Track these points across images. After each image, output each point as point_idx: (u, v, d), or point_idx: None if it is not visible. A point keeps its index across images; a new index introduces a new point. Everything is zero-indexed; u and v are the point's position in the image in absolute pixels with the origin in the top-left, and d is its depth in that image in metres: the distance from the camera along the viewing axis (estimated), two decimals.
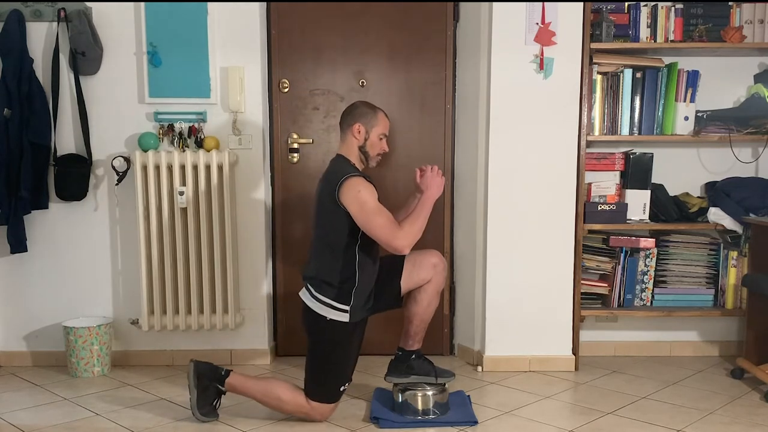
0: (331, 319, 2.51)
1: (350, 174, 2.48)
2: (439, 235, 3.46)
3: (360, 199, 2.43)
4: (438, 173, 2.61)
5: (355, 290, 2.53)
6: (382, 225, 2.44)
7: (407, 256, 2.63)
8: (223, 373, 2.60)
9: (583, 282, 3.29)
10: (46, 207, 3.26)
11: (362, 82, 3.39)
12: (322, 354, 2.56)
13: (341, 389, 2.58)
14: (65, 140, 3.27)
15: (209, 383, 2.59)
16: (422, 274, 2.63)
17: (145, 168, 3.15)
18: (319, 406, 2.56)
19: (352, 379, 2.65)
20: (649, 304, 3.34)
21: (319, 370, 2.56)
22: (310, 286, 2.57)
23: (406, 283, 2.64)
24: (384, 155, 2.68)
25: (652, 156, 3.33)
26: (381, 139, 2.62)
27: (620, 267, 3.31)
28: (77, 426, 2.61)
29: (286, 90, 3.41)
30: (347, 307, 2.52)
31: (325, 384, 2.57)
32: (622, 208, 3.27)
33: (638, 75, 3.26)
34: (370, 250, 2.54)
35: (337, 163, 2.60)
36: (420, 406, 2.64)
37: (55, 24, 3.20)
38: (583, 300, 3.31)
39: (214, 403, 2.63)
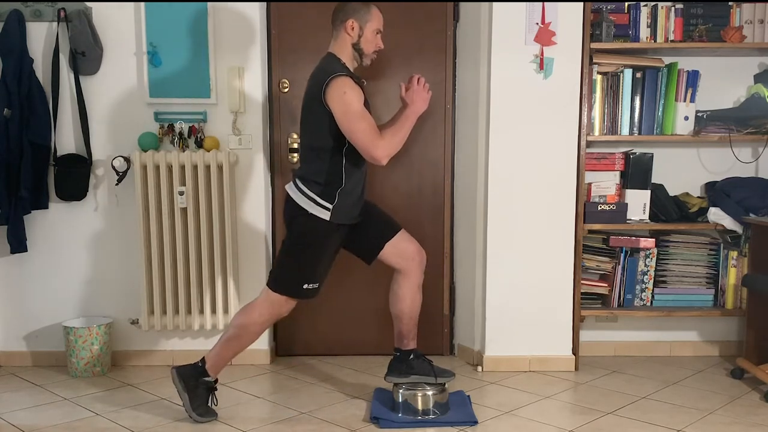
0: (312, 213, 2.50)
1: (338, 73, 2.43)
2: (439, 235, 3.47)
3: (345, 100, 2.40)
4: (424, 87, 2.58)
5: (340, 190, 2.52)
6: (363, 130, 2.41)
7: (401, 231, 2.68)
8: (200, 364, 2.61)
9: (583, 282, 3.29)
10: (46, 207, 3.26)
11: (362, 82, 3.38)
12: (294, 246, 2.55)
13: (304, 287, 2.56)
14: (65, 140, 3.27)
15: (196, 382, 2.59)
16: (397, 259, 2.66)
17: (145, 168, 3.15)
18: (279, 297, 2.55)
19: (320, 291, 2.62)
20: (649, 304, 3.34)
21: (288, 260, 2.56)
22: (297, 180, 2.56)
23: (387, 249, 2.65)
24: (379, 53, 2.64)
25: (652, 156, 3.33)
26: (376, 35, 2.58)
27: (620, 267, 3.31)
28: (77, 426, 2.61)
29: (286, 90, 3.41)
30: (330, 206, 2.51)
31: (290, 276, 2.55)
32: (622, 208, 3.27)
33: (638, 75, 3.26)
34: (357, 154, 2.50)
35: (326, 61, 2.54)
36: (420, 406, 2.64)
37: (55, 24, 3.20)
38: (583, 300, 3.31)
39: (209, 402, 2.62)
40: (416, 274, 2.68)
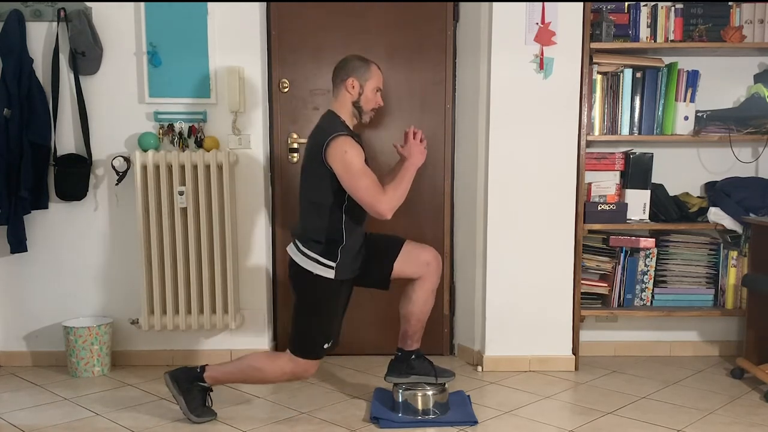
0: (316, 274, 2.51)
1: (338, 133, 2.45)
2: (439, 235, 3.47)
3: (346, 159, 2.41)
4: (421, 141, 2.59)
5: (342, 248, 2.52)
6: (366, 187, 2.42)
7: (406, 243, 2.65)
8: (198, 370, 2.60)
9: (583, 282, 3.29)
10: (46, 207, 3.26)
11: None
12: (306, 309, 2.56)
13: (324, 347, 2.57)
14: (65, 140, 3.27)
15: (189, 384, 2.59)
16: (413, 269, 2.63)
17: (145, 168, 3.15)
18: (303, 362, 2.56)
19: (339, 342, 2.64)
20: (649, 304, 3.34)
21: (303, 325, 2.56)
22: (297, 241, 2.56)
23: (398, 268, 2.63)
24: (378, 110, 2.65)
25: (652, 156, 3.33)
26: (376, 93, 2.59)
27: (620, 267, 3.31)
28: (77, 426, 2.61)
29: (286, 90, 3.41)
30: (333, 264, 2.51)
31: (308, 339, 2.56)
32: (622, 208, 3.27)
33: (638, 75, 3.26)
34: (356, 210, 2.51)
35: (326, 120, 2.56)
36: (420, 406, 2.64)
37: (55, 24, 3.20)
38: (583, 300, 3.31)
39: (206, 403, 2.62)
40: (432, 279, 2.66)
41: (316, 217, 2.53)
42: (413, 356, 2.73)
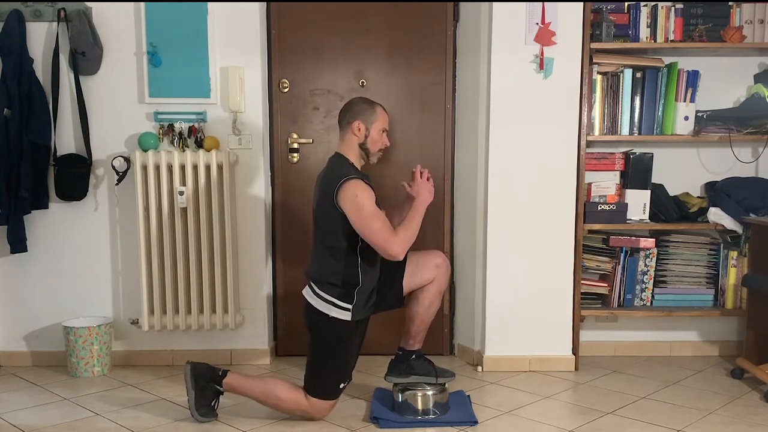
0: (333, 317, 2.51)
1: (348, 177, 2.46)
2: (439, 235, 3.47)
3: (357, 203, 2.43)
4: (428, 180, 2.60)
5: (358, 290, 2.53)
6: (377, 230, 2.43)
7: (409, 256, 2.64)
8: (220, 373, 2.60)
9: (583, 282, 3.29)
10: (46, 207, 3.26)
11: (362, 82, 3.39)
12: (322, 351, 2.56)
13: (341, 386, 2.59)
14: (65, 140, 3.27)
15: (207, 384, 2.59)
16: (425, 275, 2.63)
17: (145, 168, 3.15)
18: (319, 402, 2.57)
19: (352, 378, 2.65)
20: (649, 304, 3.34)
21: (319, 367, 2.56)
22: (313, 284, 2.57)
23: (408, 284, 2.64)
24: (385, 151, 2.66)
25: (652, 156, 3.33)
26: (382, 134, 2.60)
27: (620, 267, 3.31)
28: (77, 426, 2.61)
29: (286, 90, 3.41)
30: (350, 306, 2.52)
31: (324, 381, 2.57)
32: (622, 208, 3.27)
33: (638, 75, 3.26)
34: (371, 252, 2.53)
35: (335, 163, 2.59)
36: (420, 406, 2.64)
37: (55, 24, 3.20)
38: (583, 300, 3.31)
39: (213, 404, 2.63)
40: (441, 280, 2.66)
41: (331, 260, 2.53)
42: (414, 356, 2.73)
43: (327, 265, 2.54)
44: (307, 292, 2.59)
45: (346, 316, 2.52)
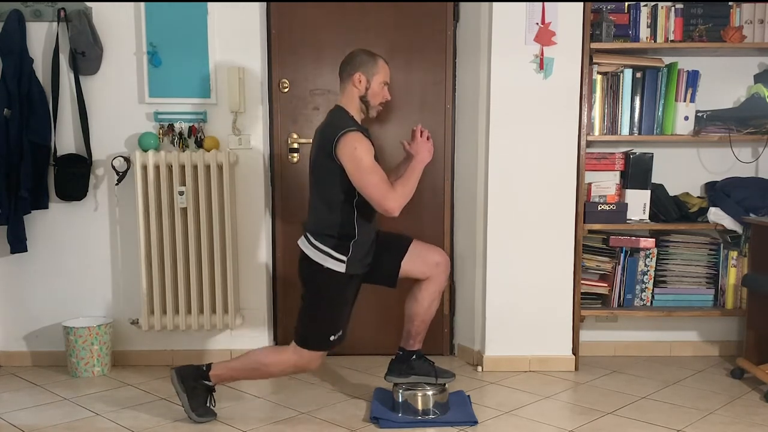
0: (327, 267, 2.51)
1: (348, 129, 2.45)
2: (439, 235, 3.46)
3: (356, 156, 2.42)
4: (427, 139, 2.61)
5: (354, 242, 2.53)
6: (375, 184, 2.43)
7: (414, 242, 2.66)
8: (204, 368, 2.61)
9: (583, 282, 3.29)
10: (46, 207, 3.26)
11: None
12: (315, 302, 2.56)
13: (331, 339, 2.57)
14: (65, 140, 3.27)
15: (195, 383, 2.59)
16: (422, 269, 2.63)
17: (145, 168, 3.15)
18: (307, 353, 2.56)
19: (345, 337, 2.63)
20: (649, 304, 3.34)
21: (311, 317, 2.57)
22: (309, 235, 2.57)
23: (405, 267, 2.64)
24: (385, 105, 2.65)
25: (652, 156, 3.33)
26: (383, 87, 2.60)
27: (620, 267, 3.31)
28: (77, 426, 2.61)
29: (286, 90, 3.41)
30: (345, 258, 2.51)
31: (315, 331, 2.57)
32: (622, 208, 3.27)
33: (638, 75, 3.26)
34: (368, 206, 2.52)
35: (335, 115, 2.57)
36: (420, 406, 2.64)
37: (55, 24, 3.20)
38: (583, 300, 3.31)
39: (208, 403, 2.62)
40: (440, 280, 2.66)
41: (328, 213, 2.53)
42: (414, 356, 2.73)
43: (324, 217, 2.54)
44: (302, 243, 2.58)
45: (341, 267, 2.51)
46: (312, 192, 2.61)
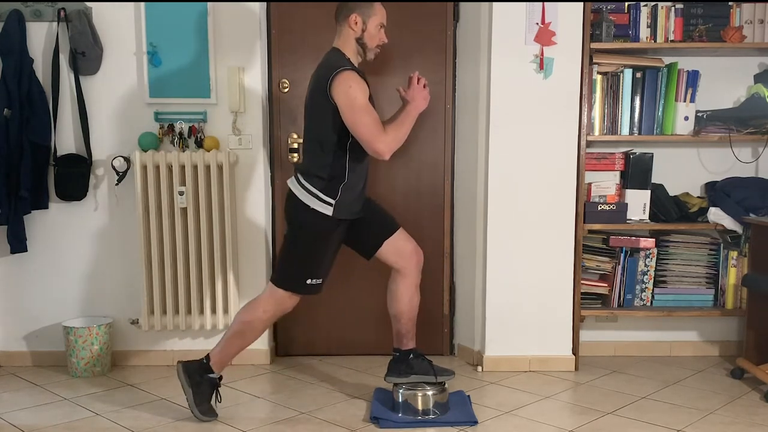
0: (313, 208, 2.51)
1: (343, 68, 2.45)
2: (439, 235, 3.47)
3: (350, 94, 2.41)
4: (424, 86, 2.60)
5: (343, 185, 2.53)
6: (367, 124, 2.43)
7: (400, 230, 2.71)
8: (205, 360, 2.62)
9: (583, 282, 3.29)
10: (46, 207, 3.26)
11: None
12: (297, 242, 2.57)
13: (308, 282, 2.57)
14: (65, 140, 3.27)
15: (201, 378, 2.60)
16: (395, 258, 2.68)
17: (145, 168, 3.15)
18: (282, 293, 2.58)
19: (323, 288, 2.64)
20: (649, 304, 3.34)
21: (291, 257, 2.58)
22: (299, 175, 2.57)
23: (385, 248, 2.67)
24: (382, 47, 2.65)
25: (652, 156, 3.33)
26: (379, 29, 2.59)
27: (620, 267, 3.31)
28: (77, 426, 2.61)
29: (286, 90, 3.40)
30: (332, 201, 2.52)
31: (294, 272, 2.57)
32: (622, 208, 3.27)
33: (638, 75, 3.26)
34: (360, 148, 2.51)
35: (331, 56, 2.56)
36: (420, 406, 2.64)
37: (55, 24, 3.20)
38: (583, 300, 3.31)
39: (212, 400, 2.62)
40: (414, 274, 2.69)
41: (320, 154, 2.53)
42: (411, 355, 2.73)
43: (315, 158, 2.54)
44: (291, 182, 2.59)
45: (328, 210, 2.51)
46: (305, 132, 2.61)
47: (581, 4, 3.11)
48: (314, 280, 2.59)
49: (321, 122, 2.50)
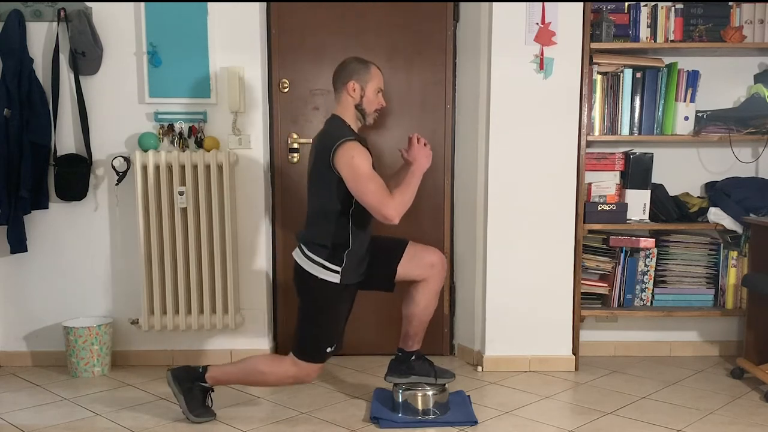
0: (321, 278, 2.51)
1: (345, 138, 2.45)
2: (439, 235, 3.47)
3: (353, 164, 2.41)
4: (425, 145, 2.60)
5: (347, 252, 2.52)
6: (373, 192, 2.42)
7: (410, 245, 2.65)
8: (200, 370, 2.61)
9: (583, 282, 3.29)
10: (46, 207, 3.26)
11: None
12: (310, 314, 2.56)
13: (327, 350, 2.58)
14: (65, 140, 3.27)
15: (192, 384, 2.60)
16: (417, 271, 2.63)
17: (145, 168, 3.15)
18: (306, 365, 2.57)
19: (342, 346, 2.64)
20: (649, 304, 3.34)
21: (307, 329, 2.57)
22: (303, 246, 2.56)
23: (402, 270, 2.63)
24: (381, 111, 2.65)
25: (652, 156, 3.33)
26: (377, 94, 2.59)
27: (620, 267, 3.31)
28: (77, 426, 2.61)
29: (286, 90, 3.41)
30: (338, 268, 2.51)
31: (311, 344, 2.57)
32: (622, 208, 3.27)
33: (638, 75, 3.26)
34: (363, 215, 2.52)
35: (332, 125, 2.57)
36: (420, 406, 2.64)
37: (55, 24, 3.20)
38: (583, 300, 3.31)
39: (206, 403, 2.63)
40: (436, 281, 2.66)
41: (324, 222, 2.53)
42: (413, 357, 2.73)
43: (318, 227, 2.54)
44: (296, 254, 2.59)
45: (335, 278, 2.51)
46: (309, 202, 2.61)
47: (581, 4, 3.11)
48: (333, 347, 2.60)
49: (325, 192, 2.51)
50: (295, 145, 3.41)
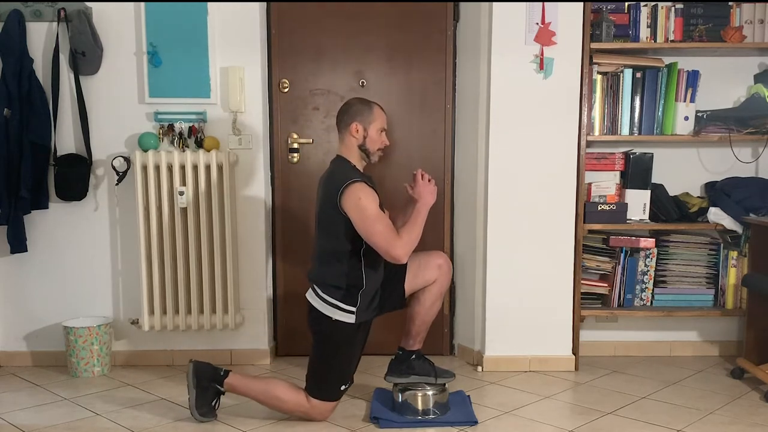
0: (336, 319, 2.51)
1: (352, 180, 2.46)
2: (439, 235, 3.47)
3: (361, 206, 2.42)
4: (429, 182, 2.60)
5: (362, 292, 2.54)
6: (381, 233, 2.43)
7: (411, 257, 2.63)
8: (222, 373, 2.60)
9: (583, 282, 3.29)
10: (46, 207, 3.26)
11: (362, 82, 3.39)
12: (325, 353, 2.56)
13: (342, 389, 2.59)
14: (65, 140, 3.27)
15: (208, 384, 2.59)
16: (427, 275, 2.64)
17: (145, 168, 3.15)
18: (320, 404, 2.57)
19: (354, 380, 2.65)
20: (649, 304, 3.34)
21: (321, 369, 2.57)
22: (316, 287, 2.57)
23: (410, 285, 2.65)
24: (385, 150, 2.65)
25: (652, 156, 3.33)
26: (380, 133, 2.60)
27: (620, 267, 3.31)
28: (77, 426, 2.61)
29: (286, 90, 3.41)
30: (353, 309, 2.52)
31: (326, 383, 2.57)
32: (622, 208, 3.27)
33: (638, 75, 3.26)
34: (375, 255, 2.52)
35: (337, 166, 2.58)
36: (420, 406, 2.64)
37: (55, 24, 3.20)
38: (583, 300, 3.31)
39: (213, 403, 2.63)
40: (442, 281, 2.66)
41: (335, 263, 2.53)
42: (414, 356, 2.73)
43: (330, 267, 2.54)
44: (310, 295, 2.59)
45: (350, 318, 2.52)
46: (318, 242, 2.61)
47: (581, 4, 3.11)
48: (347, 384, 2.60)
49: (334, 233, 2.51)
50: (295, 145, 3.41)
